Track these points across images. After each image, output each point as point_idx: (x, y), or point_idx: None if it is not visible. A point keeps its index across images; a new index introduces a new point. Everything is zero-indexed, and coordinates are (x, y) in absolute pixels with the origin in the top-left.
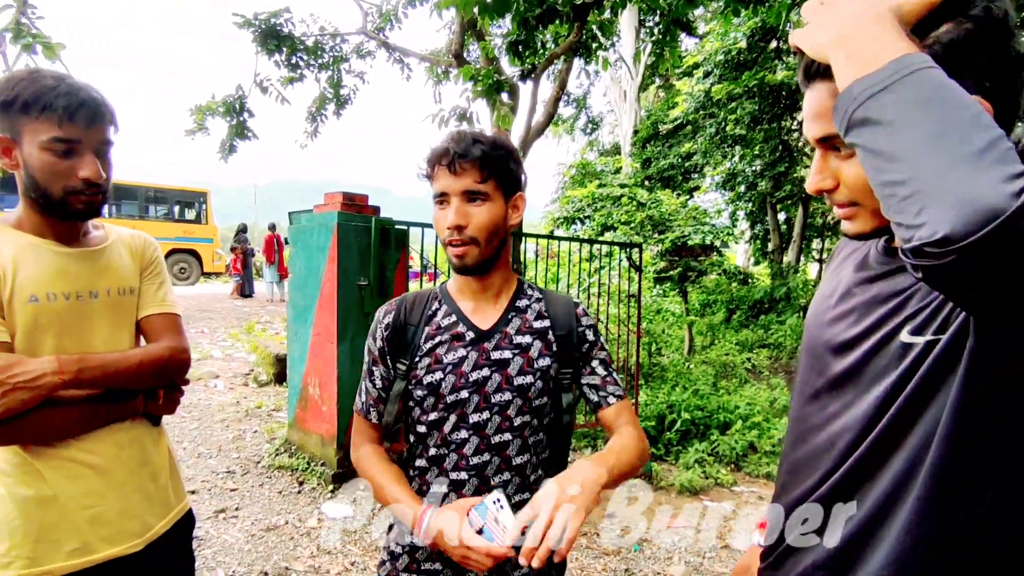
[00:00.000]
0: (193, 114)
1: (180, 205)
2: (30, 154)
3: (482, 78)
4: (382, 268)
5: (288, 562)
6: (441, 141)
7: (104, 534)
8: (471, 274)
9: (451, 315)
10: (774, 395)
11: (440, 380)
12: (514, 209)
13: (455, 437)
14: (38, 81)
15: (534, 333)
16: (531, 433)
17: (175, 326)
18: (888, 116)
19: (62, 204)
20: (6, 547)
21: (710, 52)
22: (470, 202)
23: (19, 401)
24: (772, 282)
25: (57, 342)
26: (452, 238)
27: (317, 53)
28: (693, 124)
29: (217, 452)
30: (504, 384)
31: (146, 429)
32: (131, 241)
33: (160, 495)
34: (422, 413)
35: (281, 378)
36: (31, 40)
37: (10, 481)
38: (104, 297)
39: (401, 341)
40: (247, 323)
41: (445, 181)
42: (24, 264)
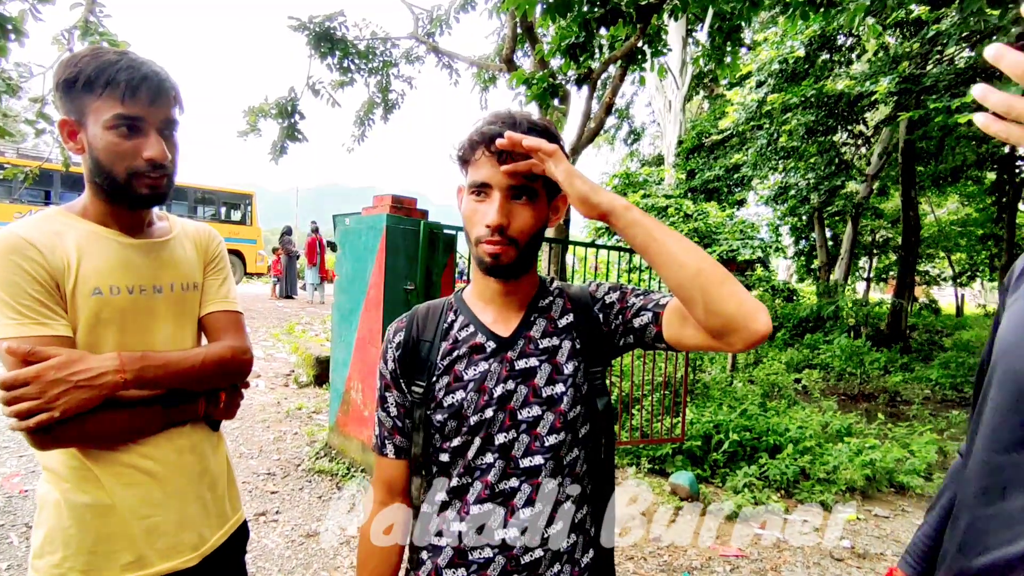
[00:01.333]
0: (246, 116)
1: (227, 206)
2: (94, 135)
3: (536, 82)
4: (429, 272)
5: (328, 571)
6: (487, 122)
7: (160, 546)
8: (502, 277)
9: (468, 325)
10: (826, 419)
11: (462, 400)
12: (555, 211)
13: (480, 463)
14: (100, 56)
15: (561, 333)
16: (566, 451)
17: (238, 324)
18: None
19: (127, 188)
20: (59, 557)
21: (764, 61)
22: (514, 199)
23: (79, 401)
24: (819, 300)
25: (119, 338)
26: (490, 237)
27: (368, 57)
28: (742, 135)
29: (258, 453)
30: (531, 397)
31: (206, 434)
32: (196, 234)
33: (217, 505)
34: (444, 440)
35: (321, 380)
36: (98, 37)
37: (67, 487)
38: (168, 292)
39: (415, 361)
40: (288, 324)
41: (489, 171)
42: (88, 255)
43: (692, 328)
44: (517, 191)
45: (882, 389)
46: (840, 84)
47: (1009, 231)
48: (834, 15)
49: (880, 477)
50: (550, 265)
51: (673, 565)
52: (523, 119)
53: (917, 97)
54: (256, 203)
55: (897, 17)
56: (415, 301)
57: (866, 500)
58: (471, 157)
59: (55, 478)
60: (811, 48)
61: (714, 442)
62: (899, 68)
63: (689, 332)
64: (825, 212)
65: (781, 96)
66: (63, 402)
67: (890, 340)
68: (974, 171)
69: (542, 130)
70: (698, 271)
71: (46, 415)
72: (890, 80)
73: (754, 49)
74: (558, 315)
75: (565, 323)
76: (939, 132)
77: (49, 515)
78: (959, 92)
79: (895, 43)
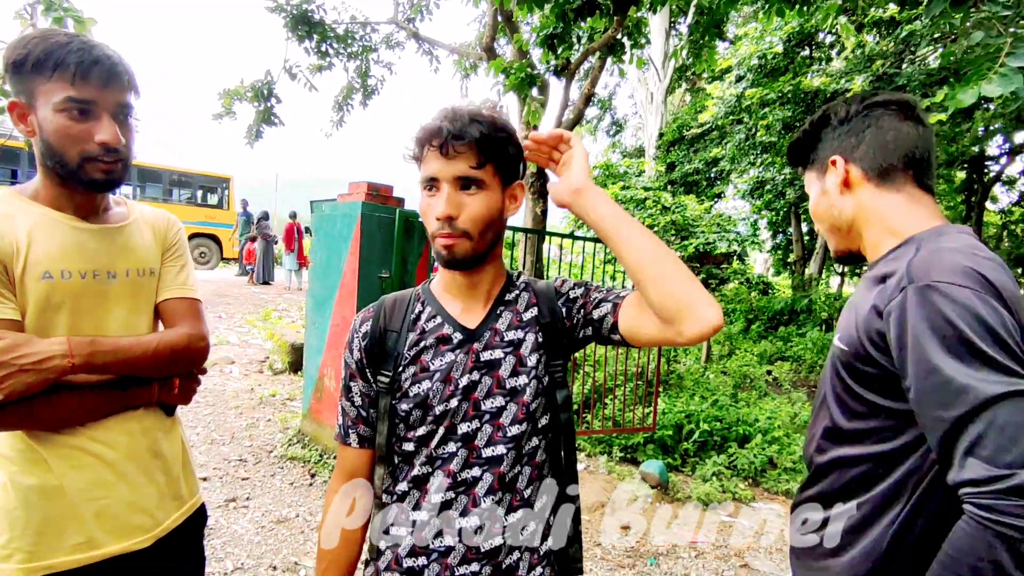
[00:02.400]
0: (221, 98)
1: (203, 190)
2: (44, 118)
3: (514, 71)
4: (404, 261)
5: (298, 556)
6: (432, 118)
7: (110, 528)
8: (459, 268)
9: (435, 316)
10: (795, 410)
11: (428, 390)
12: (512, 199)
13: (441, 452)
14: (49, 39)
15: (525, 326)
16: (526, 441)
17: (195, 312)
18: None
19: (79, 172)
20: (6, 539)
21: (744, 56)
22: (463, 189)
23: (24, 384)
24: (794, 293)
25: (71, 323)
26: (441, 230)
27: (347, 42)
28: (721, 129)
29: (230, 439)
30: (495, 388)
31: (159, 419)
32: (154, 220)
33: (171, 488)
34: (408, 429)
35: (296, 367)
36: (62, 13)
37: (14, 469)
38: (123, 278)
39: (382, 351)
40: (264, 310)
41: (435, 165)
42: (39, 238)
43: (648, 317)
44: (465, 182)
45: None
46: (816, 81)
47: (976, 229)
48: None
49: None
50: (526, 256)
51: (640, 551)
52: (464, 113)
53: None
54: (234, 187)
55: (874, 17)
56: (390, 289)
57: None
58: (420, 155)
59: (2, 460)
60: (789, 44)
61: (685, 431)
62: (873, 67)
63: (644, 321)
64: (801, 207)
65: (759, 91)
66: (7, 385)
67: None
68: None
69: (487, 122)
70: (655, 253)
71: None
72: (864, 79)
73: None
74: (523, 308)
75: (529, 316)
76: None
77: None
78: (929, 93)
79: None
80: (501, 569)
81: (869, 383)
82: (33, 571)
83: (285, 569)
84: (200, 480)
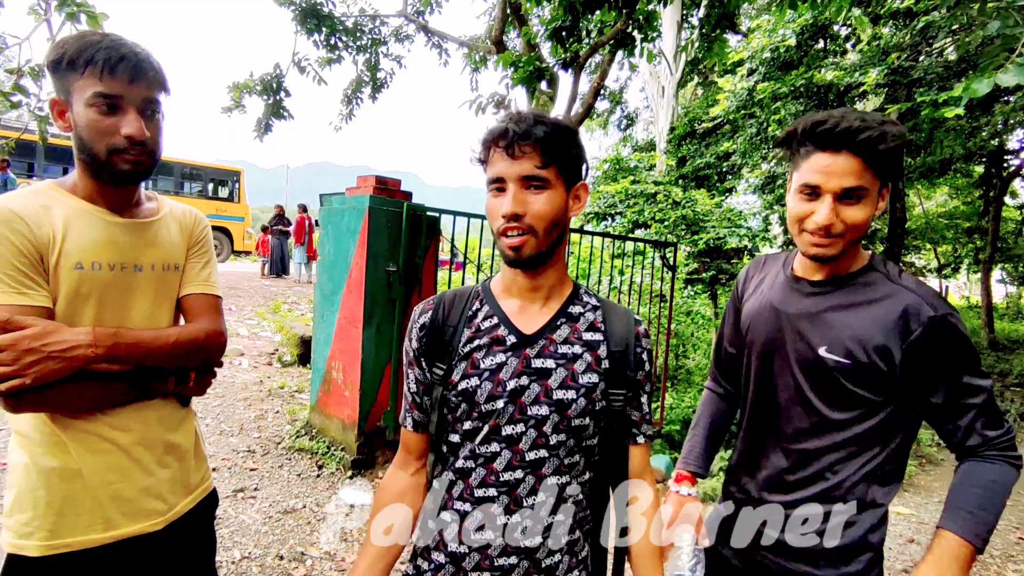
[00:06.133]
0: (230, 91)
1: (214, 183)
2: (78, 113)
3: (523, 65)
4: (411, 255)
5: (304, 547)
6: (499, 121)
7: (125, 511)
8: (525, 268)
9: (492, 316)
10: None
11: (476, 387)
12: (575, 200)
13: (484, 450)
14: (83, 38)
15: (584, 345)
16: (567, 454)
17: (215, 308)
18: None
19: (107, 164)
20: (28, 516)
21: (756, 49)
22: (529, 189)
23: (50, 370)
24: None
25: (96, 313)
26: (507, 226)
27: (356, 35)
28: (732, 123)
29: (239, 430)
30: (543, 396)
31: (174, 409)
32: (182, 217)
33: (183, 475)
34: (456, 422)
35: (305, 359)
36: (75, 8)
37: (37, 451)
38: (148, 271)
39: (438, 344)
40: (274, 303)
41: (502, 165)
42: (73, 230)
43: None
44: (530, 181)
45: None
46: (830, 75)
47: (994, 224)
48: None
49: None
50: None
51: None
52: (528, 115)
53: (908, 89)
54: (244, 180)
55: (891, 8)
56: (397, 283)
57: None
58: (486, 157)
59: (26, 442)
60: (803, 37)
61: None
62: (888, 60)
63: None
64: None
65: (771, 85)
66: (35, 370)
67: None
68: (963, 164)
69: (551, 123)
70: None
71: (17, 381)
72: (879, 72)
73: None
74: (584, 328)
75: (589, 338)
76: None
77: (19, 477)
78: (947, 86)
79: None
80: (540, 567)
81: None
82: (53, 548)
83: (292, 559)
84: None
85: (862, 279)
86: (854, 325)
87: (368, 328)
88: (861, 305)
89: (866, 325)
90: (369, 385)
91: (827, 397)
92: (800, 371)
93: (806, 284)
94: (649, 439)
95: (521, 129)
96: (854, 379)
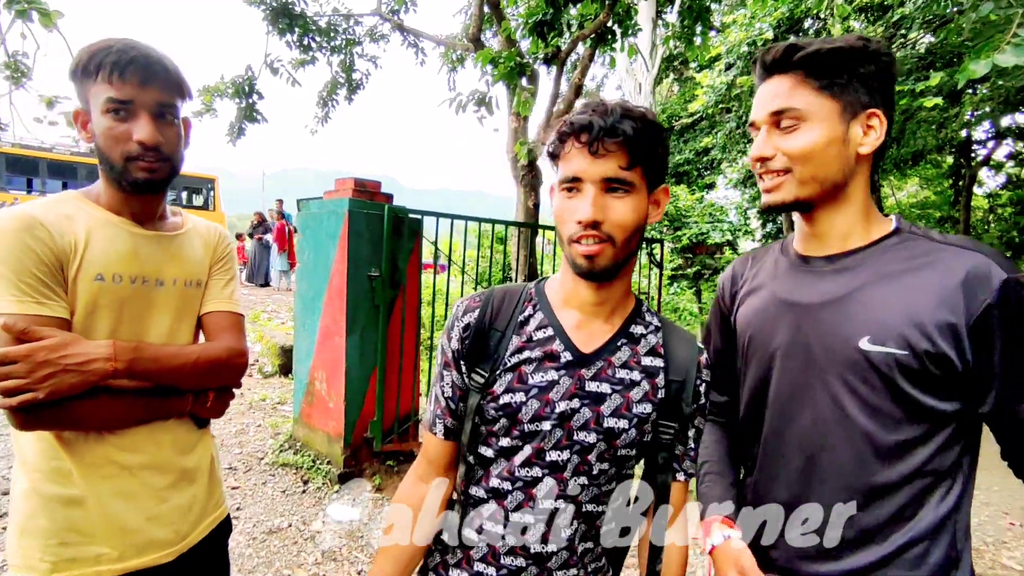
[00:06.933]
0: (201, 95)
1: (188, 191)
2: (96, 121)
3: (503, 61)
4: (394, 258)
5: (291, 569)
6: (580, 112)
7: (134, 542)
8: (598, 280)
9: (547, 328)
10: None
11: (521, 403)
12: (655, 205)
13: (524, 474)
14: (96, 44)
15: (642, 371)
16: (606, 482)
17: (237, 326)
18: None
19: (124, 172)
20: (30, 547)
21: (733, 43)
22: (609, 192)
23: (66, 384)
24: None
25: (113, 326)
26: (583, 234)
27: (330, 35)
28: (711, 119)
29: (219, 447)
30: (593, 423)
31: (189, 431)
32: (207, 233)
33: (197, 502)
34: (490, 436)
35: (287, 370)
36: (25, 6)
37: (38, 476)
38: (170, 286)
39: (482, 349)
40: (253, 312)
41: (581, 163)
42: (96, 240)
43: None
44: (612, 184)
45: None
46: None
47: (965, 213)
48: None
49: None
50: (519, 250)
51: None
52: (615, 107)
53: None
54: (219, 187)
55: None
56: (380, 288)
57: None
58: (561, 151)
59: (27, 467)
60: (779, 31)
61: None
62: None
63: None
64: None
65: (750, 79)
66: (49, 384)
67: None
68: (934, 155)
69: (640, 118)
70: None
71: (30, 395)
72: None
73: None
74: (644, 352)
75: (648, 363)
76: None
77: (20, 505)
78: (922, 76)
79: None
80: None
81: (929, 384)
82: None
83: None
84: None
85: (893, 242)
86: (903, 300)
87: (352, 336)
88: (905, 274)
89: (920, 298)
90: (354, 395)
91: (876, 411)
92: (834, 378)
93: (820, 262)
94: (689, 477)
95: (608, 124)
96: (915, 377)
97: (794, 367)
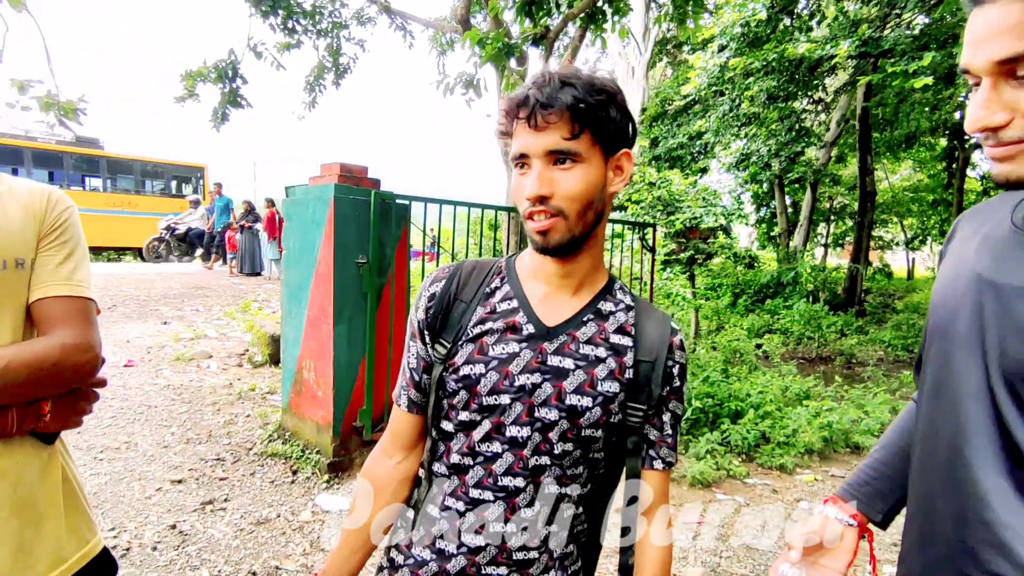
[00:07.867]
0: (183, 80)
1: (177, 180)
2: None
3: (491, 41)
4: (382, 245)
5: (279, 560)
6: (521, 87)
7: None
8: (555, 255)
9: (512, 299)
10: (786, 383)
11: (479, 375)
12: (617, 170)
13: (484, 449)
14: None
15: (609, 348)
16: (571, 464)
17: (80, 313)
18: None
19: None
20: None
21: (726, 24)
22: (557, 164)
23: None
24: (779, 266)
25: None
26: (533, 210)
27: (315, 18)
28: (704, 102)
29: (207, 438)
30: (555, 399)
31: (27, 455)
32: (28, 197)
33: (45, 544)
34: (451, 409)
35: (276, 359)
36: None
37: None
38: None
39: (445, 319)
40: (243, 301)
41: (525, 139)
42: None
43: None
44: (558, 155)
45: (839, 352)
46: (801, 48)
47: (958, 196)
48: None
49: (837, 438)
50: (510, 236)
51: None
52: (555, 77)
53: (875, 61)
54: (208, 176)
55: None
56: (368, 275)
57: (824, 461)
58: (510, 129)
59: None
60: (773, 11)
61: None
62: (859, 31)
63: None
64: (785, 179)
65: (743, 60)
66: None
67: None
68: (927, 138)
69: (583, 83)
70: None
71: None
72: (850, 43)
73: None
74: (612, 329)
75: (617, 341)
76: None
77: None
78: (916, 56)
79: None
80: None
81: None
82: None
83: (265, 574)
84: (175, 483)
85: None
86: None
87: (339, 324)
88: None
89: None
90: (343, 384)
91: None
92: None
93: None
94: (668, 466)
95: (544, 95)
96: None
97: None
